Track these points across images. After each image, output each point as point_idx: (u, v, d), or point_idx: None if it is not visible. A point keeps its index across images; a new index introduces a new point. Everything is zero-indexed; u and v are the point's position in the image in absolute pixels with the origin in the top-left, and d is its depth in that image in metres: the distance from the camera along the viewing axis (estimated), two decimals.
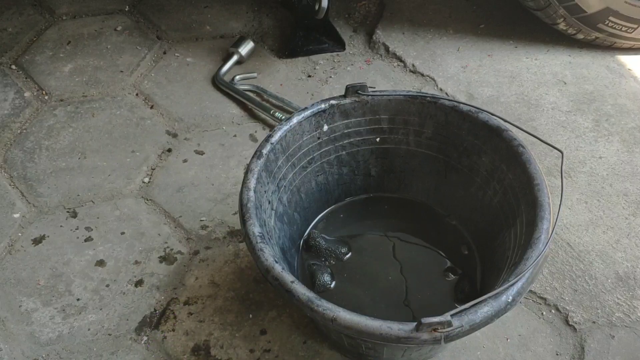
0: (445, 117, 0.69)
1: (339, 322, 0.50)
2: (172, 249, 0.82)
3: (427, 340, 0.48)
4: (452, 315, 0.48)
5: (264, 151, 0.64)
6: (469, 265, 0.73)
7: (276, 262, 0.55)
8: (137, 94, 1.05)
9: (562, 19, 1.04)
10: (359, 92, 0.69)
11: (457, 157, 0.71)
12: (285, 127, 0.66)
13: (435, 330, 0.48)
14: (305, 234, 0.76)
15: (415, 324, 0.48)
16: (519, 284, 0.52)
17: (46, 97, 1.04)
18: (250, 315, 0.75)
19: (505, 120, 0.65)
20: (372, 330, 0.49)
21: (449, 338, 0.49)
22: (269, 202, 0.66)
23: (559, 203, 0.56)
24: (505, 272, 0.59)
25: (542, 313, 0.75)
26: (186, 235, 0.84)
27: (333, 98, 0.70)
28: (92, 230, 0.85)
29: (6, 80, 1.07)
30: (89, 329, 0.74)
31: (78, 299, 0.77)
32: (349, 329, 0.50)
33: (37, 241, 0.83)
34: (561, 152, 0.60)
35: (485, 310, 0.50)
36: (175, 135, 0.98)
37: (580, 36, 1.08)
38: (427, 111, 0.69)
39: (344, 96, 0.70)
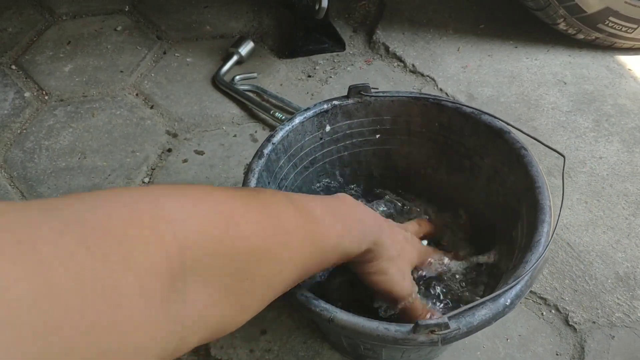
0: (447, 118, 0.69)
1: (336, 323, 0.50)
2: None
3: (424, 342, 0.48)
4: (449, 318, 0.48)
5: (265, 151, 0.64)
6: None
7: None
8: (137, 94, 1.05)
9: (562, 19, 1.04)
10: (362, 92, 0.69)
11: (459, 159, 0.71)
12: (288, 127, 0.66)
13: (432, 332, 0.48)
14: None
15: (412, 325, 0.48)
16: (518, 287, 0.52)
17: (46, 97, 1.04)
18: None
19: (508, 123, 0.65)
20: (369, 332, 0.49)
21: (445, 340, 0.49)
22: None
23: (559, 205, 0.56)
24: (505, 274, 0.59)
25: (542, 313, 0.75)
26: None
27: (336, 98, 0.70)
28: None
29: (6, 80, 1.07)
30: None
31: None
32: (346, 330, 0.50)
33: None
34: (563, 157, 0.60)
35: (482, 312, 0.50)
36: (175, 135, 0.98)
37: (580, 36, 1.08)
38: (429, 112, 0.69)
39: (347, 97, 0.70)
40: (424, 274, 0.67)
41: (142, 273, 0.29)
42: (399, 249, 0.58)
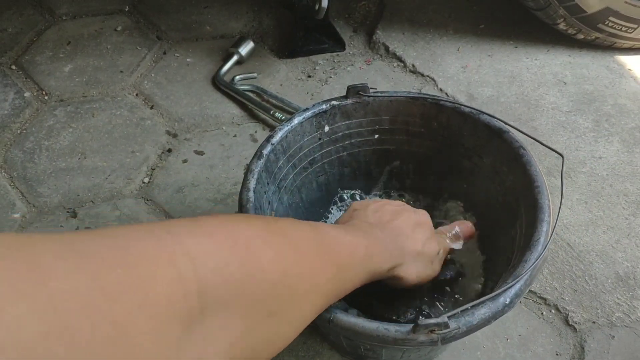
0: (446, 118, 0.69)
1: (336, 324, 0.50)
2: None
3: (424, 341, 0.48)
4: (449, 317, 0.48)
5: (265, 152, 0.64)
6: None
7: None
8: (137, 94, 1.05)
9: (562, 19, 1.04)
10: (360, 92, 0.69)
11: (458, 158, 0.71)
12: (286, 128, 0.66)
13: (432, 332, 0.48)
14: None
15: (412, 325, 0.48)
16: (517, 287, 0.52)
17: (46, 97, 1.04)
18: None
19: (506, 123, 0.65)
20: (369, 332, 0.49)
21: (445, 339, 0.49)
22: (269, 203, 0.66)
23: (558, 205, 0.56)
24: (504, 273, 0.59)
25: (542, 313, 0.75)
26: None
27: (334, 99, 0.70)
28: None
29: (6, 80, 1.07)
30: None
31: None
32: (347, 331, 0.50)
33: None
34: (562, 156, 0.60)
35: (482, 312, 0.50)
36: (175, 136, 0.98)
37: (580, 36, 1.08)
38: (428, 112, 0.69)
39: (345, 97, 0.70)
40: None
41: (158, 314, 0.28)
42: (421, 248, 0.57)
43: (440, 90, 1.04)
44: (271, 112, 0.98)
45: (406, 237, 0.56)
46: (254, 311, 0.36)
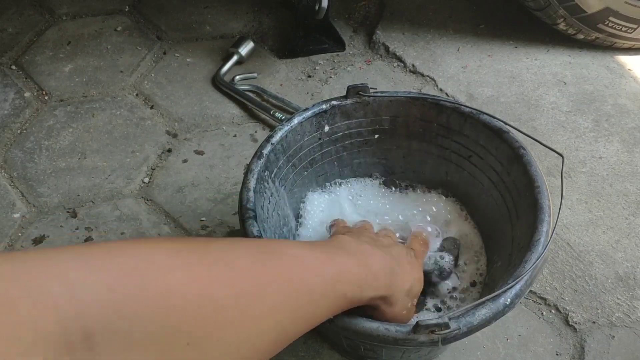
0: (446, 118, 0.69)
1: (337, 324, 0.50)
2: None
3: (424, 342, 0.48)
4: (449, 318, 0.48)
5: (265, 151, 0.64)
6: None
7: None
8: (137, 94, 1.05)
9: (562, 19, 1.04)
10: (360, 92, 0.69)
11: (458, 158, 0.71)
12: (286, 128, 0.66)
13: (432, 332, 0.48)
14: None
15: (412, 325, 0.48)
16: (518, 287, 0.52)
17: (46, 97, 1.04)
18: None
19: (506, 123, 0.65)
20: (369, 332, 0.49)
21: (446, 340, 0.49)
22: (270, 203, 0.66)
23: (558, 205, 0.56)
24: (505, 274, 0.59)
25: (542, 313, 0.75)
26: (186, 236, 0.84)
27: (334, 99, 0.70)
28: (92, 230, 0.85)
29: (6, 80, 1.07)
30: None
31: None
32: (347, 331, 0.50)
33: (37, 241, 0.83)
34: (562, 156, 0.60)
35: (483, 312, 0.50)
36: (175, 136, 0.98)
37: (580, 36, 1.08)
38: (428, 112, 0.69)
39: (345, 97, 0.70)
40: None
41: (20, 338, 0.26)
42: (410, 286, 0.54)
43: (440, 90, 1.04)
44: (271, 112, 0.98)
45: (401, 270, 0.53)
46: (166, 338, 0.32)
